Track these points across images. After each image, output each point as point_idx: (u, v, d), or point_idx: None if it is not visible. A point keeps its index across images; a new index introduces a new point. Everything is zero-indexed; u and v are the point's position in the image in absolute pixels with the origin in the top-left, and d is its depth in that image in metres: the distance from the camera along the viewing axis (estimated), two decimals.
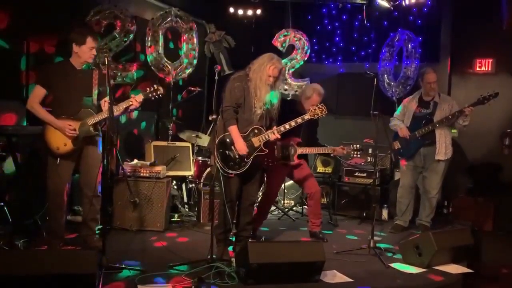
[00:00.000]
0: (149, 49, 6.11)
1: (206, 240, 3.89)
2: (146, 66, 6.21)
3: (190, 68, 6.33)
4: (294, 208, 6.23)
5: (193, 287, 3.23)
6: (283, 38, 6.77)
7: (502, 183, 6.13)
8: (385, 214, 5.86)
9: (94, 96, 3.96)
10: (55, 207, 3.92)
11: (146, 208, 4.77)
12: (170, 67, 6.20)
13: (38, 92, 3.87)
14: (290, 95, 6.61)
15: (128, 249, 4.12)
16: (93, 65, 4.29)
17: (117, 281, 3.30)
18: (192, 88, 6.15)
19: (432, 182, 5.16)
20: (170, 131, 5.93)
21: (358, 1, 6.95)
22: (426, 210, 5.26)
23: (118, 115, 4.15)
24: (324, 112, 4.04)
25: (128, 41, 5.73)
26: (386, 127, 4.70)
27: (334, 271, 3.74)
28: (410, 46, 6.38)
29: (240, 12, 7.18)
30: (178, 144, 5.84)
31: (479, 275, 4.01)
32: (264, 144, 3.92)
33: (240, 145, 3.82)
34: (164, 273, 3.48)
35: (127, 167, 4.90)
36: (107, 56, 3.64)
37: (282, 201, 6.34)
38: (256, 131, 3.90)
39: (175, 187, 5.67)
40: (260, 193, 5.25)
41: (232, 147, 3.85)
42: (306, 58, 6.74)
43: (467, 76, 6.57)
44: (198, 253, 3.90)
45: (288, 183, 6.40)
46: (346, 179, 6.20)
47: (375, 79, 4.43)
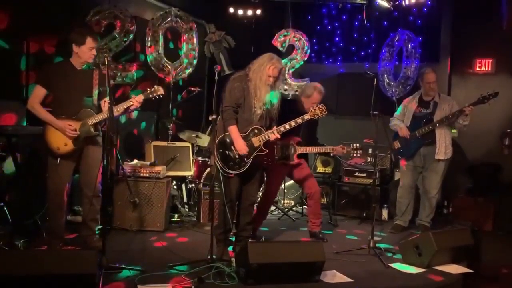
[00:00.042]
0: (149, 49, 6.11)
1: (206, 240, 3.88)
2: (146, 66, 6.20)
3: (190, 68, 6.32)
4: (294, 208, 6.23)
5: (193, 287, 3.23)
6: (283, 38, 6.77)
7: (502, 183, 6.13)
8: (385, 214, 5.86)
9: (95, 96, 3.96)
10: (55, 207, 3.92)
11: (146, 208, 4.77)
12: (170, 67, 6.20)
13: (39, 92, 3.86)
14: (290, 95, 6.61)
15: (128, 249, 4.12)
16: (93, 65, 4.29)
17: (117, 281, 3.29)
18: (192, 88, 6.15)
19: (432, 182, 5.16)
20: (170, 131, 5.93)
21: (358, 1, 6.95)
22: (426, 210, 5.26)
23: (118, 115, 4.15)
24: (324, 112, 4.04)
25: (128, 41, 5.73)
26: (386, 127, 4.70)
27: (334, 271, 3.73)
28: (410, 46, 6.38)
29: (240, 12, 7.18)
30: (178, 144, 5.84)
31: (479, 275, 4.00)
32: (264, 144, 3.92)
33: (240, 145, 3.82)
34: (164, 273, 3.48)
35: (127, 167, 4.90)
36: (107, 56, 3.64)
37: (282, 201, 6.34)
38: (256, 131, 3.90)
39: (175, 187, 5.67)
40: (260, 193, 5.25)
41: (232, 147, 3.85)
42: (306, 58, 6.74)
43: (467, 76, 6.57)
44: (198, 253, 3.90)
45: (288, 183, 6.40)
46: (346, 179, 6.20)
47: (375, 79, 4.43)
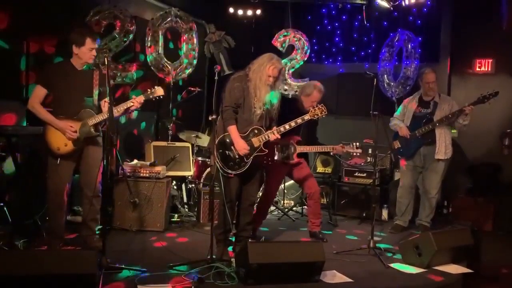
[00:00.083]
0: (149, 49, 6.11)
1: (206, 240, 3.88)
2: (146, 66, 6.20)
3: (190, 68, 6.32)
4: (294, 208, 6.23)
5: (193, 287, 3.23)
6: (283, 38, 6.77)
7: (502, 183, 6.13)
8: (385, 214, 5.86)
9: (95, 97, 3.96)
10: (55, 207, 3.92)
11: (146, 208, 4.77)
12: (170, 67, 6.20)
13: (39, 92, 3.86)
14: (290, 95, 6.61)
15: (128, 249, 4.12)
16: (93, 66, 4.29)
17: (117, 281, 3.29)
18: (192, 88, 6.14)
19: (432, 182, 5.16)
20: (170, 131, 5.93)
21: (358, 1, 6.95)
22: (426, 210, 5.26)
23: (118, 115, 4.14)
24: (324, 112, 4.04)
25: (127, 41, 5.73)
26: (386, 127, 4.69)
27: (334, 271, 3.73)
28: (409, 46, 6.38)
29: (240, 12, 7.18)
30: (178, 144, 5.84)
31: (479, 275, 4.01)
32: (264, 144, 3.92)
33: (240, 144, 3.82)
34: (164, 273, 3.48)
35: (127, 167, 4.90)
36: (107, 57, 3.64)
37: (282, 202, 6.34)
38: (256, 131, 3.90)
39: (175, 187, 5.67)
40: (260, 193, 5.25)
41: (232, 147, 3.85)
42: (306, 58, 6.74)
43: (467, 76, 6.57)
44: (198, 253, 3.90)
45: (288, 183, 6.40)
46: (346, 179, 6.20)
47: (375, 79, 4.43)
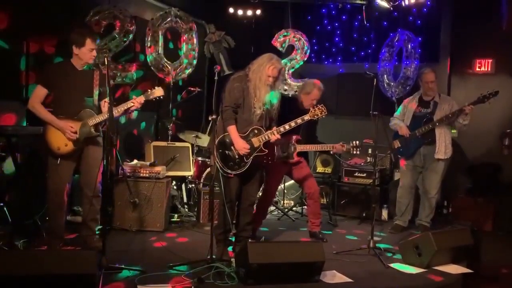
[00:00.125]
0: (149, 49, 6.11)
1: (205, 240, 3.88)
2: (146, 67, 6.20)
3: (190, 69, 6.32)
4: (294, 208, 6.23)
5: (193, 287, 3.24)
6: (282, 39, 6.77)
7: (502, 183, 6.13)
8: (384, 214, 5.86)
9: (95, 97, 3.96)
10: (55, 207, 3.92)
11: (146, 209, 4.77)
12: (169, 67, 6.20)
13: (40, 92, 3.87)
14: (290, 95, 6.61)
15: (128, 249, 4.12)
16: (93, 66, 4.29)
17: (117, 281, 3.30)
18: (192, 89, 6.15)
19: (431, 182, 5.16)
20: (170, 132, 5.93)
21: (358, 1, 6.95)
22: (425, 210, 5.26)
23: (118, 116, 4.16)
24: (324, 113, 4.04)
25: (127, 42, 5.73)
26: (386, 127, 4.69)
27: (334, 271, 3.73)
28: (409, 46, 6.38)
29: (240, 12, 7.18)
30: (177, 144, 5.84)
31: (479, 275, 4.01)
32: (264, 144, 3.92)
33: (239, 144, 3.82)
34: (164, 273, 3.48)
35: (127, 168, 4.90)
36: (107, 57, 3.65)
37: (282, 202, 6.34)
38: (256, 132, 3.90)
39: (175, 187, 5.67)
40: (260, 193, 5.24)
41: (232, 147, 3.85)
42: (306, 58, 6.73)
43: (466, 76, 6.57)
44: (198, 253, 3.90)
45: (288, 183, 6.40)
46: (346, 179, 6.20)
47: (374, 79, 4.43)
